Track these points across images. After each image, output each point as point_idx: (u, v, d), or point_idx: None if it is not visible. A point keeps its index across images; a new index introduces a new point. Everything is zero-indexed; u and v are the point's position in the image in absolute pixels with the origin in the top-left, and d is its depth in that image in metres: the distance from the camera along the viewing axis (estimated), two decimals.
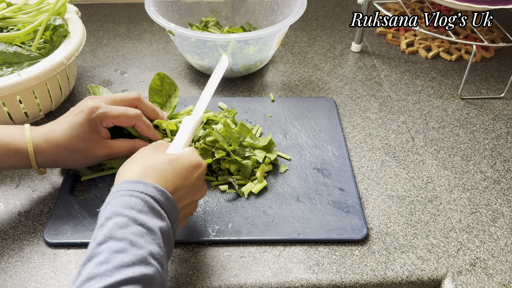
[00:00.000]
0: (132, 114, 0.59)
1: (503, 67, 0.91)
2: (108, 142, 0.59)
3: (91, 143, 0.57)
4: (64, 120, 0.57)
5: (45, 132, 0.56)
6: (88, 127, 0.56)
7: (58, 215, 0.59)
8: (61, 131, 0.56)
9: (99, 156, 0.59)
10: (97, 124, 0.57)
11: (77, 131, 0.56)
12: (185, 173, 0.50)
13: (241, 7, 0.94)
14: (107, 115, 0.57)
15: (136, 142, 0.61)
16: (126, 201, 0.43)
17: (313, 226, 0.59)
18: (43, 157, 0.56)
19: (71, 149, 0.56)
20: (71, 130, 0.56)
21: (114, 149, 0.59)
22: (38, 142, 0.55)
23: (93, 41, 0.95)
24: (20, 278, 0.53)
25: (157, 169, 0.48)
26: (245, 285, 0.53)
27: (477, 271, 0.56)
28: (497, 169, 0.69)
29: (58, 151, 0.56)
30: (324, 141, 0.72)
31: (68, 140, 0.56)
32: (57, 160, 0.57)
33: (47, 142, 0.55)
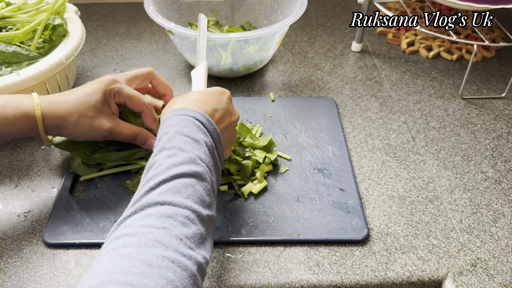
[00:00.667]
0: (144, 102, 0.60)
1: (504, 66, 0.91)
2: (116, 119, 0.60)
3: (99, 113, 0.58)
4: (79, 88, 0.58)
5: (55, 97, 0.57)
6: (101, 96, 0.57)
7: (57, 215, 0.59)
8: (75, 95, 0.57)
9: (103, 129, 0.58)
10: (111, 96, 0.58)
11: (90, 97, 0.57)
12: (216, 98, 0.54)
13: (241, 6, 0.93)
14: (123, 91, 0.59)
15: (142, 129, 0.62)
16: (171, 121, 0.48)
17: (313, 226, 0.59)
18: (49, 120, 0.55)
19: (79, 113, 0.56)
20: (85, 96, 0.57)
21: (120, 127, 0.60)
22: (46, 104, 0.55)
23: (93, 40, 0.95)
24: (20, 279, 0.53)
25: (194, 100, 0.52)
26: (245, 286, 0.53)
27: (478, 271, 0.56)
28: (498, 169, 0.69)
29: (66, 115, 0.56)
30: (324, 141, 0.71)
31: (79, 105, 0.56)
32: (63, 126, 0.57)
33: (56, 104, 0.56)
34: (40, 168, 0.67)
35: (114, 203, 0.61)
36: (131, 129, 0.60)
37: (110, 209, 0.60)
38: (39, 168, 0.67)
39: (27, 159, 0.68)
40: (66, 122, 0.56)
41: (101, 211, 0.60)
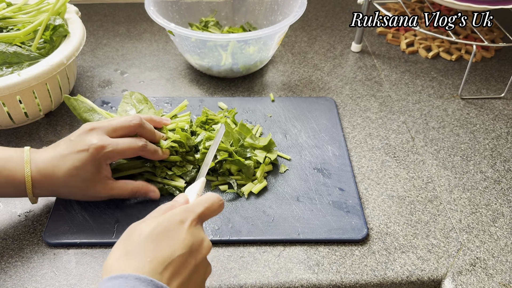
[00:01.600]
0: (138, 146, 0.57)
1: (503, 67, 0.91)
2: (110, 184, 0.57)
3: (91, 184, 0.56)
4: (65, 155, 0.54)
5: (45, 165, 0.54)
6: (91, 167, 0.54)
7: (57, 215, 0.59)
8: (62, 168, 0.54)
9: (99, 196, 0.58)
10: (101, 163, 0.55)
11: (79, 171, 0.54)
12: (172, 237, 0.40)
13: (241, 7, 0.94)
14: (114, 153, 0.55)
15: (139, 185, 0.59)
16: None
17: (313, 226, 0.59)
18: (40, 190, 0.55)
19: (70, 187, 0.55)
20: (72, 169, 0.54)
21: (116, 191, 0.58)
22: (37, 176, 0.54)
23: (93, 41, 0.95)
24: (20, 278, 0.53)
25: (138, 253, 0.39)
26: (245, 285, 0.53)
27: (477, 271, 0.56)
28: (497, 169, 0.69)
29: (56, 187, 0.55)
30: (324, 141, 0.72)
31: (68, 179, 0.54)
32: (54, 194, 0.57)
33: (46, 177, 0.54)
34: None
35: (115, 202, 0.61)
36: (127, 188, 0.58)
37: (110, 209, 0.60)
38: None
39: None
40: (58, 193, 0.57)
41: (102, 211, 0.60)
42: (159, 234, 0.40)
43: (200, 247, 0.41)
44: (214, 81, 0.85)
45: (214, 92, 0.82)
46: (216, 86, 0.84)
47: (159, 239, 0.40)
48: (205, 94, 0.82)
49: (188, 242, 0.40)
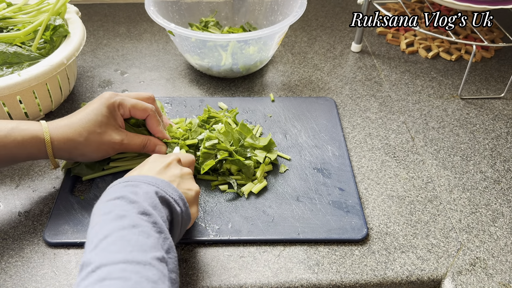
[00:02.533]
0: (148, 105, 0.62)
1: (503, 67, 0.91)
2: (123, 131, 0.61)
3: (107, 128, 0.59)
4: (82, 109, 0.59)
5: (61, 121, 0.58)
6: (106, 111, 0.58)
7: (58, 215, 0.59)
8: (80, 115, 0.58)
9: (113, 142, 0.59)
10: (115, 109, 0.59)
11: (95, 114, 0.58)
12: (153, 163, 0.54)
13: (241, 7, 0.94)
14: (125, 102, 0.60)
15: (150, 138, 0.63)
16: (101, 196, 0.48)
17: (313, 226, 0.59)
18: (58, 142, 0.56)
19: (88, 131, 0.57)
20: (90, 114, 0.58)
21: (129, 138, 0.61)
22: (55, 128, 0.57)
23: (93, 41, 0.95)
24: (20, 278, 0.53)
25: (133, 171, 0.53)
26: (245, 285, 0.53)
27: (477, 271, 0.56)
28: (497, 169, 0.69)
29: (74, 135, 0.57)
30: (324, 141, 0.72)
31: (86, 123, 0.57)
32: (74, 148, 0.57)
33: (64, 126, 0.57)
34: (41, 168, 0.67)
35: None
36: (139, 138, 0.62)
37: None
38: (40, 168, 0.67)
39: None
40: (75, 143, 0.57)
41: None
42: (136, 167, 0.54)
43: (166, 158, 0.54)
44: (214, 81, 0.85)
45: (214, 92, 0.82)
46: (216, 86, 0.84)
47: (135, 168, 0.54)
48: (205, 94, 0.82)
49: (152, 159, 0.54)
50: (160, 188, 0.48)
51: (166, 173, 0.52)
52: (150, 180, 0.48)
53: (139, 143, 0.62)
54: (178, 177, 0.52)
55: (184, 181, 0.53)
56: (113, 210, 0.43)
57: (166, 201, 0.47)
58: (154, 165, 0.53)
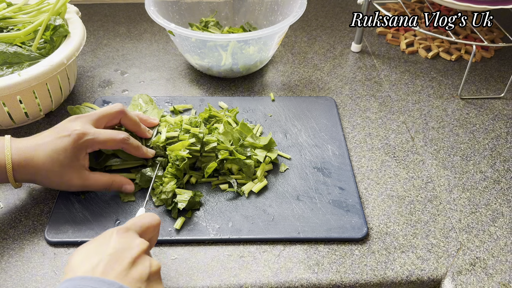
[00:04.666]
0: (119, 138, 0.59)
1: (503, 67, 0.91)
2: (86, 174, 0.58)
3: (68, 170, 0.56)
4: (47, 141, 0.56)
5: (26, 149, 0.55)
6: (70, 153, 0.56)
7: (59, 214, 0.59)
8: (43, 151, 0.55)
9: (73, 185, 0.58)
10: (81, 150, 0.56)
11: (59, 155, 0.55)
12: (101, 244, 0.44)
13: (241, 7, 0.94)
14: (95, 141, 0.57)
15: (115, 178, 0.60)
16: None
17: (313, 225, 0.59)
18: (20, 173, 0.55)
19: (48, 170, 0.55)
20: (53, 153, 0.55)
21: (91, 181, 0.58)
22: (17, 159, 0.54)
23: (93, 41, 0.95)
24: (21, 278, 0.53)
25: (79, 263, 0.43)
26: (245, 285, 0.53)
27: (477, 271, 0.56)
28: (496, 169, 0.69)
29: (36, 171, 0.55)
30: (324, 140, 0.72)
31: (47, 163, 0.55)
32: (34, 179, 0.57)
33: (26, 160, 0.55)
34: None
35: (116, 201, 0.61)
36: (102, 180, 0.59)
37: (111, 207, 0.60)
38: None
39: None
40: (35, 177, 0.56)
41: (103, 210, 0.60)
42: (90, 246, 0.44)
43: (131, 246, 0.44)
44: (214, 81, 0.85)
45: (214, 92, 0.82)
46: (216, 86, 0.84)
47: (90, 249, 0.44)
48: (205, 94, 0.82)
49: (116, 244, 0.43)
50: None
51: (132, 274, 0.42)
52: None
53: (102, 186, 0.59)
54: (145, 281, 0.42)
55: (151, 286, 0.43)
56: None
57: None
58: (117, 256, 0.42)
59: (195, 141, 0.63)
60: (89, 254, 0.43)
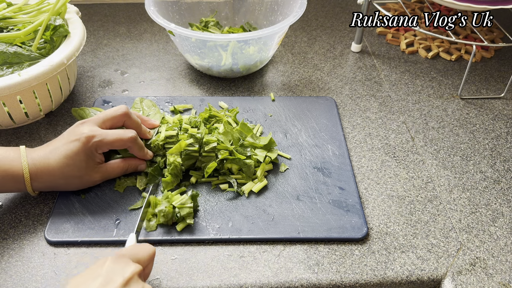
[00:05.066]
0: (127, 138, 0.60)
1: (503, 67, 0.91)
2: (103, 167, 0.61)
3: (86, 171, 0.59)
4: (59, 146, 0.57)
5: (40, 158, 0.57)
6: (83, 156, 0.58)
7: (59, 213, 0.59)
8: (56, 159, 0.57)
9: (94, 181, 0.61)
10: (92, 152, 0.58)
11: (73, 160, 0.57)
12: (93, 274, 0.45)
13: (241, 7, 0.94)
14: (103, 143, 0.58)
15: (130, 162, 0.63)
16: None
17: (313, 224, 0.59)
18: (38, 182, 0.57)
19: (66, 176, 0.58)
20: (66, 159, 0.57)
21: (109, 171, 0.61)
22: (34, 169, 0.56)
23: (93, 41, 0.95)
24: (21, 278, 0.53)
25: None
26: (245, 285, 0.53)
27: (477, 271, 0.56)
28: (497, 169, 0.69)
29: (53, 178, 0.58)
30: (324, 140, 0.72)
31: (63, 169, 0.57)
32: (52, 186, 0.59)
33: (42, 168, 0.56)
34: None
35: (116, 201, 0.61)
36: (119, 166, 0.62)
37: (111, 207, 0.60)
38: None
39: None
40: (54, 184, 0.58)
41: (103, 209, 0.60)
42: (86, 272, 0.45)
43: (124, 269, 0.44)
44: (214, 81, 0.85)
45: (214, 92, 0.82)
46: (216, 86, 0.84)
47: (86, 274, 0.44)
48: (205, 94, 0.82)
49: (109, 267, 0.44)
50: None
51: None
52: None
53: (120, 171, 0.62)
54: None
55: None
56: None
57: None
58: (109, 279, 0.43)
59: (193, 142, 0.63)
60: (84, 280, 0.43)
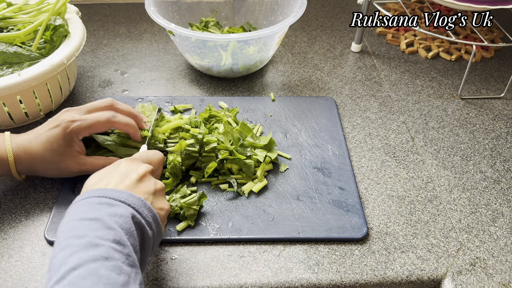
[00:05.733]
0: (104, 119, 0.60)
1: (502, 67, 0.91)
2: (82, 159, 0.61)
3: (64, 158, 0.59)
4: (41, 132, 0.59)
5: (23, 142, 0.58)
6: (63, 141, 0.58)
7: (59, 213, 0.59)
8: (38, 143, 0.58)
9: (71, 171, 0.61)
10: (72, 138, 0.59)
11: (53, 144, 0.58)
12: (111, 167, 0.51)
13: (241, 7, 0.94)
14: (82, 127, 0.59)
15: (110, 160, 0.62)
16: (71, 210, 0.44)
17: (313, 224, 0.59)
18: (22, 165, 0.59)
19: (46, 161, 0.59)
20: (47, 143, 0.58)
21: (87, 166, 0.61)
22: (18, 152, 0.58)
23: (93, 41, 0.95)
24: (21, 278, 0.53)
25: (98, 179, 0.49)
26: (245, 285, 0.53)
27: (477, 271, 0.56)
28: (497, 169, 0.69)
29: (35, 162, 0.59)
30: (324, 140, 0.72)
31: (43, 153, 0.58)
32: (35, 170, 0.60)
33: (25, 152, 0.58)
34: None
35: None
36: (98, 163, 0.61)
37: None
38: None
39: None
40: (36, 168, 0.60)
41: None
42: (102, 172, 0.50)
43: (137, 168, 0.51)
44: (214, 81, 0.85)
45: (214, 92, 0.82)
46: (216, 86, 0.84)
47: (102, 173, 0.50)
48: (205, 94, 0.82)
49: (124, 167, 0.50)
50: (136, 210, 0.45)
51: (139, 187, 0.48)
52: (126, 198, 0.45)
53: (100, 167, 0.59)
54: (152, 194, 0.49)
55: (157, 199, 0.50)
56: (86, 235, 0.40)
57: (140, 227, 0.45)
58: (126, 174, 0.49)
59: (194, 142, 0.63)
60: (101, 177, 0.49)
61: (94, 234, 0.40)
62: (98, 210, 0.43)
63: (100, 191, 0.45)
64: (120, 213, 0.43)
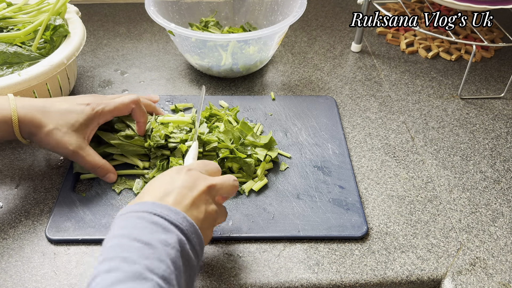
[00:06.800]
0: (128, 101, 0.62)
1: (503, 67, 0.91)
2: (83, 144, 0.60)
3: (72, 133, 0.58)
4: (65, 102, 0.60)
5: (39, 102, 0.58)
6: (84, 119, 0.59)
7: (60, 212, 0.59)
8: (58, 107, 0.58)
9: (67, 148, 0.58)
10: (93, 120, 0.60)
11: (72, 116, 0.59)
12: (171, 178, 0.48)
13: (241, 7, 0.94)
14: (105, 110, 0.61)
15: (104, 164, 0.62)
16: (121, 222, 0.43)
17: (313, 223, 0.59)
18: (25, 125, 0.57)
19: (54, 126, 0.57)
20: (67, 112, 0.58)
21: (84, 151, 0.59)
22: (25, 110, 0.56)
23: (93, 41, 0.95)
24: (21, 278, 0.53)
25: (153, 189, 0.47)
26: (245, 285, 0.53)
27: (477, 271, 0.56)
28: (497, 169, 0.69)
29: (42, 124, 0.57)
30: (324, 139, 0.72)
31: (58, 117, 0.58)
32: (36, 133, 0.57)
33: (36, 111, 0.57)
34: (41, 167, 0.67)
35: (116, 199, 0.61)
36: (94, 159, 0.60)
37: (112, 205, 0.60)
38: (40, 168, 0.67)
39: (28, 159, 0.68)
40: (39, 130, 0.57)
41: (103, 208, 0.60)
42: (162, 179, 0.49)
43: (196, 184, 0.48)
44: (214, 81, 0.85)
45: (214, 92, 0.82)
46: (216, 86, 0.84)
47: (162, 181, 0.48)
48: (206, 94, 0.82)
49: (183, 182, 0.48)
50: (190, 241, 0.43)
51: (198, 208, 0.46)
52: (181, 222, 0.43)
53: (91, 162, 0.60)
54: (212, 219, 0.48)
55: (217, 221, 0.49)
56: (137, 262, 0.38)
57: (187, 258, 0.43)
58: (183, 190, 0.46)
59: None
60: (162, 184, 0.47)
61: (144, 264, 0.38)
62: (152, 234, 0.41)
63: (157, 207, 0.43)
64: (172, 244, 0.41)
